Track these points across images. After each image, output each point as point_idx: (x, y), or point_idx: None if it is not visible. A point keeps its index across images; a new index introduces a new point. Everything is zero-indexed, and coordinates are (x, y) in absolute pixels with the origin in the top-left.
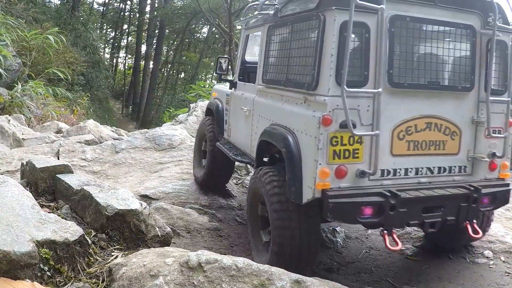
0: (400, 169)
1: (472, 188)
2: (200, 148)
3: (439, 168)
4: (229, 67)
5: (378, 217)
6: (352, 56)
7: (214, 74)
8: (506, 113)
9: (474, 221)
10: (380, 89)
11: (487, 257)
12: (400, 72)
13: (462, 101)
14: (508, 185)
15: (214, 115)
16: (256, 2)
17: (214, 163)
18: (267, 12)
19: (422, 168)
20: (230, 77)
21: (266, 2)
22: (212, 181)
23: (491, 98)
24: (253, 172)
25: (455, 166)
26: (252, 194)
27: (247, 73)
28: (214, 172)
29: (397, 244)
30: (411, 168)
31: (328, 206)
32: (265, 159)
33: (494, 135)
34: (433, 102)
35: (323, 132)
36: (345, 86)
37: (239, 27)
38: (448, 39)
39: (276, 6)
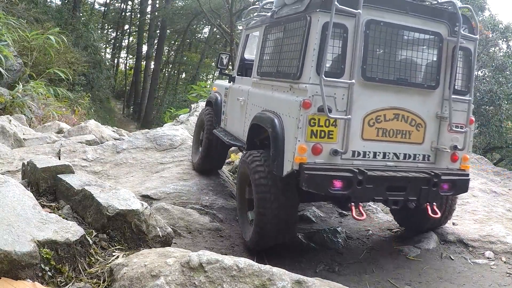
0: (370, 152)
1: (433, 174)
2: (199, 135)
3: (405, 154)
4: (230, 62)
5: (346, 190)
6: (331, 51)
7: (215, 74)
8: (468, 111)
9: (434, 203)
10: (353, 81)
11: (488, 258)
12: (373, 68)
13: (428, 98)
14: (467, 175)
15: (213, 106)
16: (256, 6)
17: (209, 149)
18: (265, 14)
19: (389, 153)
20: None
21: (265, 6)
22: (207, 165)
23: (455, 97)
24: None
25: (419, 154)
26: (240, 174)
27: (245, 69)
28: (209, 157)
29: (362, 215)
30: (379, 152)
31: (304, 177)
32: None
33: (455, 129)
34: (401, 96)
35: (303, 114)
36: (323, 76)
37: (240, 28)
38: (417, 43)
39: (273, 9)
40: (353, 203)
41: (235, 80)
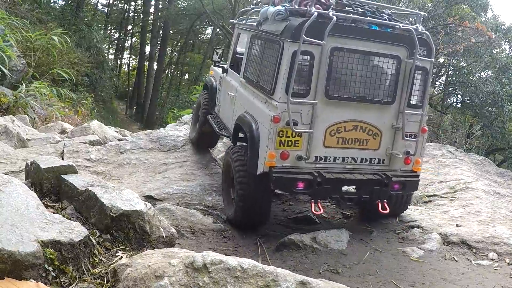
0: (330, 157)
1: (384, 176)
2: (197, 115)
3: (362, 159)
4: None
5: (307, 190)
6: (299, 75)
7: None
8: (420, 122)
9: (385, 200)
10: (316, 101)
11: (491, 259)
12: (335, 88)
13: (385, 111)
14: (418, 176)
15: (209, 91)
16: (247, 8)
17: (204, 130)
18: (252, 23)
19: (347, 157)
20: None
21: (253, 16)
22: (202, 142)
23: (410, 111)
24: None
25: (375, 159)
26: (225, 165)
27: (237, 62)
28: (204, 136)
29: (320, 210)
30: (339, 157)
31: (272, 178)
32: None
33: (407, 138)
34: (360, 111)
35: (273, 127)
36: (290, 97)
37: None
38: (377, 65)
39: (259, 18)
40: (313, 200)
41: (227, 72)
